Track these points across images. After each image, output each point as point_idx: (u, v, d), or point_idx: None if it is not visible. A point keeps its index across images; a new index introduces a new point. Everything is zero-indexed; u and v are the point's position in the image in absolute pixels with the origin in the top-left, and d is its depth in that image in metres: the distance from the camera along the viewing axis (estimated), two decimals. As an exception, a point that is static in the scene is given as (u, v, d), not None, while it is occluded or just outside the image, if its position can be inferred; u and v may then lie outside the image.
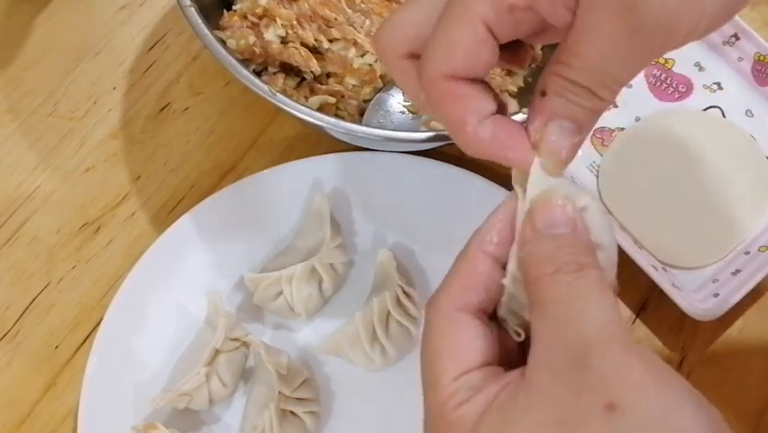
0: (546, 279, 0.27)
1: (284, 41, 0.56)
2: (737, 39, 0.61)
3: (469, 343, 0.28)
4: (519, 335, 0.30)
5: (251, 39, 0.55)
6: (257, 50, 0.55)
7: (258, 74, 0.55)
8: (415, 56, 0.31)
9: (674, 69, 0.62)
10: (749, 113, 0.61)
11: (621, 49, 0.27)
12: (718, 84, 0.62)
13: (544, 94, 0.29)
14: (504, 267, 0.30)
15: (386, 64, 0.33)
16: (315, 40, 0.56)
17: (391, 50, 0.32)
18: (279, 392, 0.49)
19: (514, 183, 0.30)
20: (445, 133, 0.52)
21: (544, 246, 0.28)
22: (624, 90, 0.29)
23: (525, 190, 0.29)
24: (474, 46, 0.29)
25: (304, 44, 0.56)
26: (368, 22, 0.57)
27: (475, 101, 0.29)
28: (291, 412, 0.50)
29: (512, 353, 0.30)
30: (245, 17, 0.55)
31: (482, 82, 0.30)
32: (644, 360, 0.26)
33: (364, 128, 0.50)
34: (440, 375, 0.28)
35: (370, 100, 0.58)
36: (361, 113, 0.57)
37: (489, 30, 0.29)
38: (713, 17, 0.27)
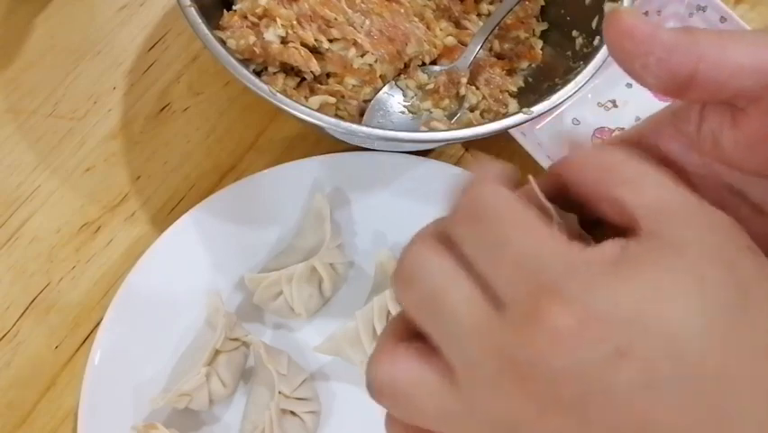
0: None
1: (284, 41, 0.55)
2: (737, 39, 0.61)
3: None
4: None
5: (251, 39, 0.55)
6: (257, 50, 0.55)
7: (258, 74, 0.55)
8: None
9: (674, 68, 0.62)
10: (749, 113, 0.61)
11: None
12: (718, 84, 0.62)
13: None
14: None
15: None
16: (315, 40, 0.56)
17: None
18: (279, 392, 0.49)
19: None
20: (445, 133, 0.53)
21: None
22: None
23: None
24: None
25: (304, 44, 0.56)
26: (368, 22, 0.57)
27: None
28: (291, 412, 0.50)
29: None
30: (245, 17, 0.55)
31: None
32: None
33: (364, 128, 0.50)
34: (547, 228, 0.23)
35: (370, 100, 0.58)
36: (361, 113, 0.57)
37: None
38: None
